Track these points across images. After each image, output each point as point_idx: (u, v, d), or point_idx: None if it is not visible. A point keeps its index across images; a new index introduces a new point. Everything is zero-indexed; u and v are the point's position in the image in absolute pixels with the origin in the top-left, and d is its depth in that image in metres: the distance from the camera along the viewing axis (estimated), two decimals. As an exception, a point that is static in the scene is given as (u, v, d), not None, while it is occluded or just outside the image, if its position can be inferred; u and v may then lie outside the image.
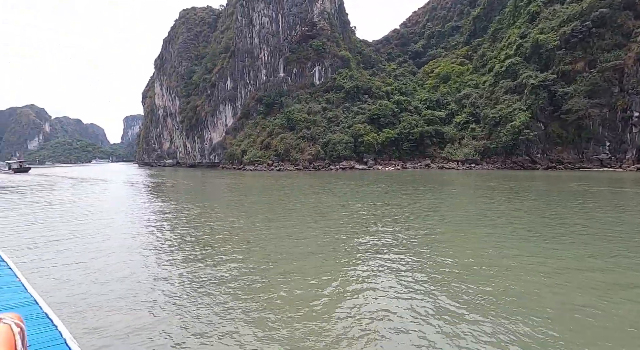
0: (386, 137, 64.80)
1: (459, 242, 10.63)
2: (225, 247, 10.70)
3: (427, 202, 19.81)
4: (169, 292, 7.31)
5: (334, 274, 8.14)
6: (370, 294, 6.92)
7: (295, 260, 9.22)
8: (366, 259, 9.15)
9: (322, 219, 14.71)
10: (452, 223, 13.37)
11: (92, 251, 10.44)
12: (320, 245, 10.44)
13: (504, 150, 52.36)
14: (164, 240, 11.81)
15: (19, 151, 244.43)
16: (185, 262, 9.13)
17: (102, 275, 8.47)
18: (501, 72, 58.60)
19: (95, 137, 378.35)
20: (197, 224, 14.50)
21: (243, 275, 8.20)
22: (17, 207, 20.46)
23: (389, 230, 12.18)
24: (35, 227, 14.29)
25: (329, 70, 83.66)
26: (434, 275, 7.72)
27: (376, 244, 10.38)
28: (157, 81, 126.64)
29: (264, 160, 70.26)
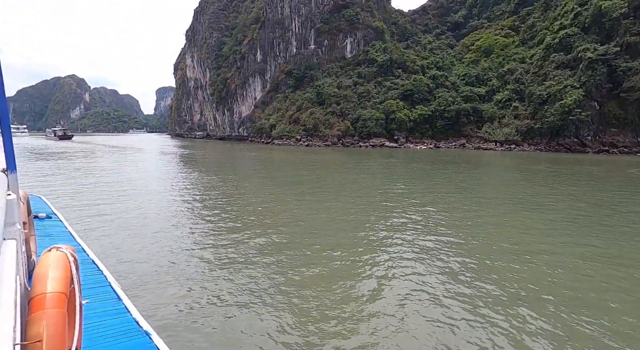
0: (419, 114, 61.88)
1: (510, 229, 9.58)
2: (259, 219, 10.52)
3: (470, 183, 18.50)
4: (204, 256, 7.58)
5: (371, 252, 7.78)
6: (412, 279, 6.40)
7: (330, 236, 8.97)
8: (404, 239, 8.46)
9: (356, 197, 13.99)
10: (497, 207, 12.22)
11: (134, 216, 10.81)
12: (355, 223, 9.80)
13: (549, 131, 48.53)
14: (203, 210, 11.86)
15: (63, 119, 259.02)
16: (226, 232, 9.01)
17: (140, 233, 9.15)
18: (553, 44, 53.28)
19: (131, 108, 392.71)
20: (231, 196, 14.31)
21: (276, 248, 8.06)
22: (65, 172, 21.27)
23: (429, 211, 11.28)
24: (82, 191, 14.99)
25: (362, 43, 79.98)
26: (478, 259, 6.86)
27: (413, 225, 9.58)
28: (188, 53, 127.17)
29: (293, 135, 69.71)
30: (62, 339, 1.62)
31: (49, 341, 1.54)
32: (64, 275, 1.79)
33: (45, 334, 1.54)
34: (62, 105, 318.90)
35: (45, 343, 1.52)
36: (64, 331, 1.65)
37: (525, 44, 66.71)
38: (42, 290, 1.65)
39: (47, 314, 1.59)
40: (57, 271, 1.77)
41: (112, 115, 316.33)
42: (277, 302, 5.54)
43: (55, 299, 1.64)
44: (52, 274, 1.74)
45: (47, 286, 1.67)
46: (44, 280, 1.70)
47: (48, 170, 22.28)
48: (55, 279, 1.72)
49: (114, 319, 3.17)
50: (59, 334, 1.60)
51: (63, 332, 1.64)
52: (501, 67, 63.79)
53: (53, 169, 23.15)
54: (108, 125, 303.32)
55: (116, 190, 15.32)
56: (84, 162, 29.31)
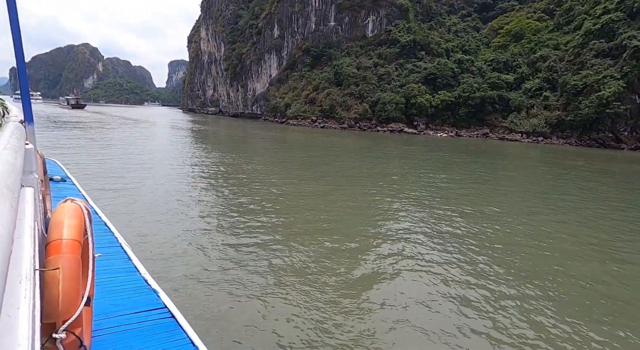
0: (442, 100, 59.14)
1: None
2: (272, 200, 10.42)
3: (509, 181, 16.93)
4: (218, 230, 7.72)
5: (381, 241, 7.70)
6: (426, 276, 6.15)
7: (341, 220, 8.92)
8: (416, 231, 7.71)
9: (375, 186, 12.69)
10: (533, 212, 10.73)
11: (147, 187, 11.01)
12: (371, 211, 8.67)
13: (581, 124, 45.82)
14: (216, 188, 11.64)
15: (76, 88, 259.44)
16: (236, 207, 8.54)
17: (152, 201, 9.56)
18: (594, 30, 49.49)
19: (143, 80, 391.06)
20: (245, 175, 13.87)
21: (286, 232, 7.89)
22: (80, 143, 20.28)
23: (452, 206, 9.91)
24: (97, 160, 14.98)
25: (384, 21, 76.14)
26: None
27: (427, 217, 8.30)
28: (203, 25, 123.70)
29: (308, 116, 67.80)
30: (76, 283, 1.69)
31: (65, 283, 1.62)
32: (79, 224, 1.86)
33: (61, 276, 1.61)
34: (76, 74, 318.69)
35: (61, 284, 1.60)
36: (78, 276, 1.72)
37: (560, 29, 62.46)
38: (58, 236, 1.72)
39: (63, 258, 1.65)
40: (73, 220, 1.83)
41: (124, 86, 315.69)
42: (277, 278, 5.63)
43: (70, 245, 1.71)
44: (68, 222, 1.80)
45: (63, 233, 1.74)
46: (61, 227, 1.76)
47: (63, 141, 21.32)
48: (70, 227, 1.78)
49: (124, 276, 3.27)
50: (73, 277, 1.67)
51: (77, 277, 1.70)
52: (532, 53, 60.03)
53: (67, 138, 22.21)
54: (120, 97, 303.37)
55: (131, 162, 15.34)
56: (99, 133, 28.33)
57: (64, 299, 1.62)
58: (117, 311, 2.74)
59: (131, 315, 2.72)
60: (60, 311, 1.62)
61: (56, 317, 1.62)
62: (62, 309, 1.62)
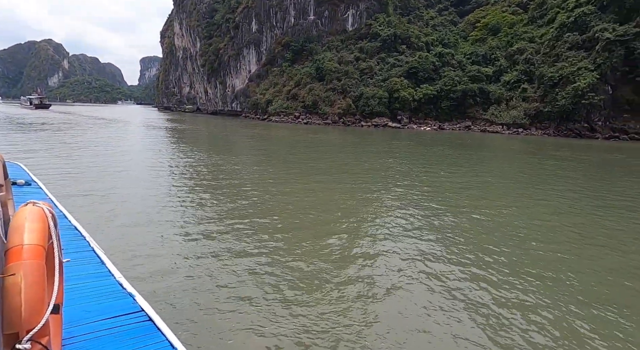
0: (424, 93, 59.59)
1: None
2: (253, 197, 10.16)
3: (499, 173, 16.94)
4: (189, 231, 7.42)
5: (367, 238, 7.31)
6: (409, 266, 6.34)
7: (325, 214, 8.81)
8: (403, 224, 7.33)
9: (369, 182, 12.29)
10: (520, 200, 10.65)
11: (122, 192, 10.37)
12: (358, 208, 8.20)
13: (558, 115, 47.31)
14: (195, 188, 10.91)
15: (40, 87, 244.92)
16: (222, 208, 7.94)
17: (127, 204, 9.08)
18: (567, 23, 51.07)
19: (113, 77, 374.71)
20: (226, 174, 13.43)
21: (270, 230, 7.73)
22: (48, 146, 18.62)
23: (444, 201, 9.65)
24: (66, 165, 14.12)
25: (364, 15, 75.82)
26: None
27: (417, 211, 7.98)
28: (176, 19, 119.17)
29: (291, 112, 66.73)
30: (40, 290, 1.61)
31: (28, 291, 1.53)
32: (41, 228, 1.77)
33: (23, 283, 1.53)
34: (39, 72, 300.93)
35: (23, 292, 1.52)
36: (43, 283, 1.64)
37: (535, 23, 64.18)
38: (19, 241, 1.65)
39: (25, 265, 1.58)
40: (34, 224, 1.75)
41: (93, 84, 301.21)
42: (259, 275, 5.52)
43: (32, 251, 1.64)
44: (29, 226, 1.72)
45: (24, 238, 1.66)
46: (21, 232, 1.68)
47: (30, 144, 19.58)
48: (32, 231, 1.71)
49: (97, 281, 3.16)
50: (37, 284, 1.59)
51: (42, 284, 1.62)
52: (509, 46, 61.43)
53: (34, 141, 20.44)
54: (89, 95, 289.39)
55: (105, 164, 14.88)
56: (68, 135, 26.40)
57: (27, 307, 1.54)
58: (91, 317, 2.63)
59: (106, 320, 2.61)
60: (24, 320, 1.54)
61: (19, 327, 1.54)
62: (25, 318, 1.54)
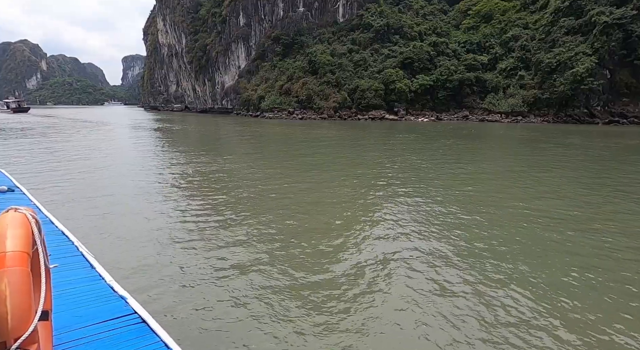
0: (420, 84, 58.76)
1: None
2: (251, 198, 9.92)
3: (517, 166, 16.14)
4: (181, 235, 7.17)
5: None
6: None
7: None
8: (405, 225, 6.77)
9: (379, 180, 11.33)
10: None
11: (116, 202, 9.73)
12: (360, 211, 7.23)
13: (557, 102, 47.08)
14: (192, 193, 10.63)
15: (17, 90, 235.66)
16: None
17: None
18: (562, 8, 50.65)
19: (95, 78, 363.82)
20: (222, 174, 12.96)
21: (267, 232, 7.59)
22: (32, 152, 17.03)
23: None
24: (52, 170, 13.59)
25: (355, 5, 74.23)
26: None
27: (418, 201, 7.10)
28: (159, 15, 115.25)
29: (284, 108, 65.15)
30: (27, 297, 1.60)
31: (13, 298, 1.52)
32: (24, 234, 1.75)
33: (8, 291, 1.52)
34: (16, 74, 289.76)
35: (9, 300, 1.51)
36: (29, 290, 1.62)
37: (527, 9, 63.69)
38: (1, 249, 1.62)
39: (8, 272, 1.56)
40: (16, 230, 1.73)
41: (74, 85, 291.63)
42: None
43: (16, 258, 1.62)
44: (11, 233, 1.70)
45: (6, 245, 1.64)
46: (2, 240, 1.66)
47: (11, 151, 17.94)
48: (14, 238, 1.68)
49: (88, 285, 3.10)
50: (23, 292, 1.57)
51: (28, 291, 1.61)
52: (504, 33, 60.87)
53: (16, 149, 18.76)
54: (71, 97, 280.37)
55: (93, 168, 14.43)
56: (53, 140, 24.62)
57: (14, 315, 1.52)
58: (82, 322, 2.56)
59: (98, 324, 2.55)
60: (11, 328, 1.52)
61: (6, 336, 1.52)
62: (12, 326, 1.52)
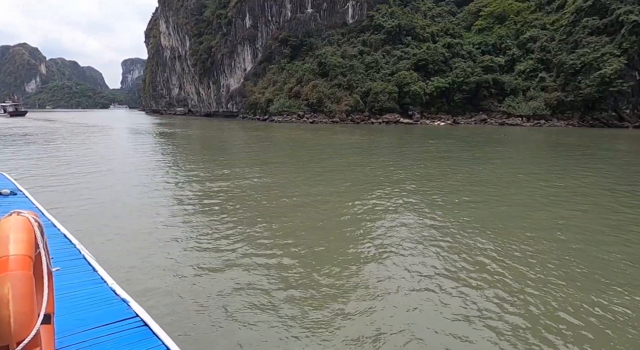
0: (436, 86, 56.89)
1: None
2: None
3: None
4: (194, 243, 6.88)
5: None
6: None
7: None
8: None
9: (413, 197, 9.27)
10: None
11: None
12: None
13: (582, 105, 45.22)
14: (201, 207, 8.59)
15: (16, 93, 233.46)
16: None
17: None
18: (585, 7, 48.90)
19: (94, 81, 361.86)
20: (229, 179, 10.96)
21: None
22: (39, 161, 14.94)
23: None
24: (55, 176, 13.22)
25: (365, 6, 72.50)
26: None
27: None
28: (161, 18, 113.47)
29: (294, 111, 63.14)
30: (30, 301, 1.60)
31: (16, 302, 1.52)
32: (27, 238, 1.75)
33: (11, 294, 1.52)
34: (15, 77, 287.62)
35: (11, 303, 1.51)
36: (32, 294, 1.63)
37: (543, 9, 62.14)
38: (4, 253, 1.62)
39: (11, 276, 1.56)
40: (19, 234, 1.73)
41: (74, 89, 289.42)
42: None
43: (19, 261, 1.62)
44: (14, 236, 1.70)
45: (9, 249, 1.64)
46: (5, 243, 1.66)
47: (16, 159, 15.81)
48: (17, 242, 1.68)
49: (90, 289, 3.11)
50: (26, 295, 1.58)
51: (30, 294, 1.62)
52: (520, 34, 59.13)
53: (23, 157, 16.66)
54: (70, 101, 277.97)
55: (97, 171, 14.19)
56: (56, 146, 22.51)
57: (16, 318, 1.53)
58: (84, 325, 2.56)
59: (100, 328, 2.54)
60: (14, 332, 1.52)
61: (9, 339, 1.52)
62: (15, 330, 1.52)
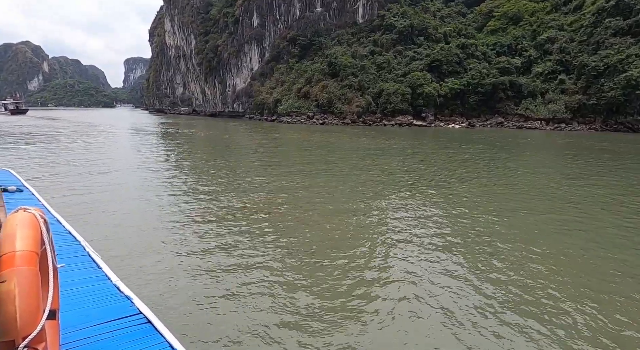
0: (450, 88, 55.33)
1: None
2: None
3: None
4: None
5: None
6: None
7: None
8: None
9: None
10: None
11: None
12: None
13: (606, 108, 43.62)
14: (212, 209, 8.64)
15: (19, 91, 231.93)
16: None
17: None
18: (607, 8, 47.32)
19: (96, 80, 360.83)
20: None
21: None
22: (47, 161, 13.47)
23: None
24: (60, 175, 12.44)
25: (375, 6, 71.06)
26: None
27: None
28: (166, 16, 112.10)
29: (303, 112, 61.62)
30: (35, 296, 1.61)
31: (22, 297, 1.54)
32: (33, 234, 1.76)
33: (17, 290, 1.53)
34: (17, 75, 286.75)
35: (17, 299, 1.52)
36: (37, 290, 1.64)
37: (559, 10, 60.54)
38: (10, 248, 1.64)
39: (17, 271, 1.57)
40: (26, 230, 1.74)
41: (76, 87, 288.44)
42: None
43: (25, 257, 1.63)
44: (21, 233, 1.71)
45: (15, 244, 1.65)
46: (12, 239, 1.67)
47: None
48: (24, 238, 1.70)
49: (94, 285, 3.11)
50: (32, 291, 1.59)
51: (36, 290, 1.62)
52: (537, 35, 57.54)
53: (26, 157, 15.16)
54: (73, 99, 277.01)
55: (103, 171, 14.08)
56: (61, 147, 21.00)
57: (22, 314, 1.54)
58: (88, 321, 2.57)
59: (104, 324, 2.55)
60: (19, 327, 1.53)
61: (15, 334, 1.53)
62: (21, 325, 1.53)
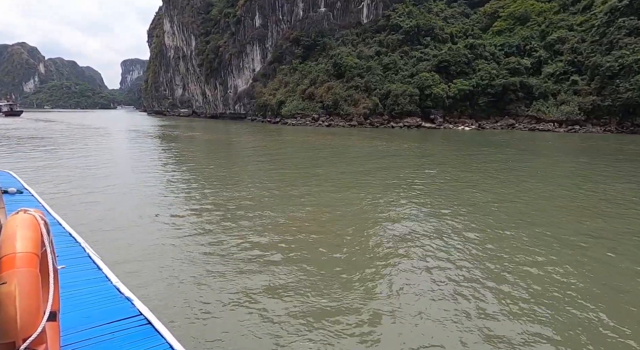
0: (459, 89, 54.21)
1: None
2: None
3: None
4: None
5: None
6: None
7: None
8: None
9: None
10: None
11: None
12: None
13: (622, 109, 42.60)
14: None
15: (14, 93, 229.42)
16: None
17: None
18: (620, 7, 46.36)
19: (93, 81, 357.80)
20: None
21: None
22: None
23: None
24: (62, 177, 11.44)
25: (380, 6, 69.97)
26: None
27: None
28: (166, 17, 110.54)
29: (308, 114, 60.29)
30: (36, 298, 1.61)
31: (22, 299, 1.53)
32: (34, 236, 1.76)
33: (17, 292, 1.53)
34: (13, 77, 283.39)
35: (18, 300, 1.52)
36: (38, 291, 1.64)
37: (567, 10, 59.60)
38: (11, 250, 1.63)
39: (17, 273, 1.57)
40: (26, 231, 1.74)
41: (73, 89, 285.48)
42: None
43: (26, 259, 1.63)
44: (21, 234, 1.71)
45: (16, 246, 1.65)
46: (12, 241, 1.67)
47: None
48: (24, 239, 1.69)
49: (94, 287, 3.12)
50: (32, 292, 1.59)
51: (36, 291, 1.63)
52: (546, 35, 56.57)
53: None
54: (69, 101, 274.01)
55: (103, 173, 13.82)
56: (61, 151, 19.49)
57: (23, 315, 1.54)
58: (89, 323, 2.58)
59: (104, 325, 2.56)
60: (20, 329, 1.53)
61: (15, 336, 1.53)
62: (21, 327, 1.53)
